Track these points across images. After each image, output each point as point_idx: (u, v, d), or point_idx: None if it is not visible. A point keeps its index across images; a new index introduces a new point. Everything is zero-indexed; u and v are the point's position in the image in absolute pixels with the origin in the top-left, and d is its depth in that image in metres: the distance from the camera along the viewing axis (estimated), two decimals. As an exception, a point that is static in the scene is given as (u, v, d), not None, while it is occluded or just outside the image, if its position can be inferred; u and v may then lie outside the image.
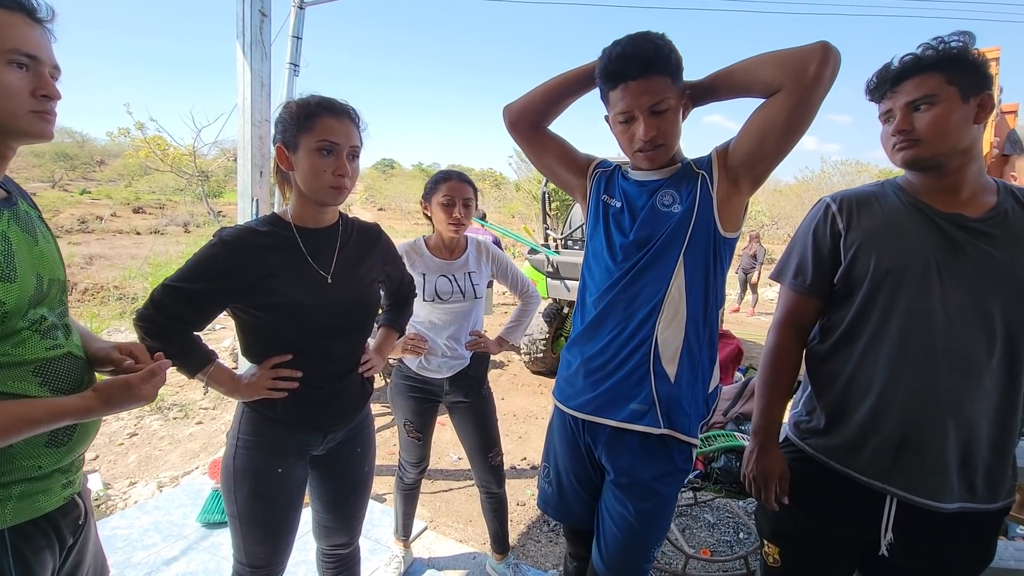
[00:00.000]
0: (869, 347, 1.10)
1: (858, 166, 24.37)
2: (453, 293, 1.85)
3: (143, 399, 0.91)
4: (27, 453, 0.84)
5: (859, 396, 1.11)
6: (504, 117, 1.40)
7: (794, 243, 1.23)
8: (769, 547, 1.27)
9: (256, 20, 2.80)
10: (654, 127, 1.14)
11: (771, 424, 1.24)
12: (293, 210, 1.24)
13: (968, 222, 1.04)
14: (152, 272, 7.60)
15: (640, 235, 1.21)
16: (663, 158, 1.21)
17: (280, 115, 1.20)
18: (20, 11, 0.81)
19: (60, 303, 0.94)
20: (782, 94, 1.05)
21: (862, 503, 1.12)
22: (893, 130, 1.06)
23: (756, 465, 1.23)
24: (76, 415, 0.85)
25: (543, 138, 1.40)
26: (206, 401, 3.99)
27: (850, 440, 1.12)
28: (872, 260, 1.08)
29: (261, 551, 1.30)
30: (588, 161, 1.40)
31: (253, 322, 1.21)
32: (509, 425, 3.98)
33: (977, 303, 1.01)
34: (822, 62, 1.00)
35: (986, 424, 1.03)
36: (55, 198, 18.96)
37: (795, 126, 1.07)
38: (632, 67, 1.10)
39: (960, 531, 1.07)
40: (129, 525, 2.34)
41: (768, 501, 1.21)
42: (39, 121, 0.85)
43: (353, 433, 1.41)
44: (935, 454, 1.04)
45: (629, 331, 1.21)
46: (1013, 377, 1.02)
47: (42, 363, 0.86)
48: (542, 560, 2.36)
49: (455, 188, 1.78)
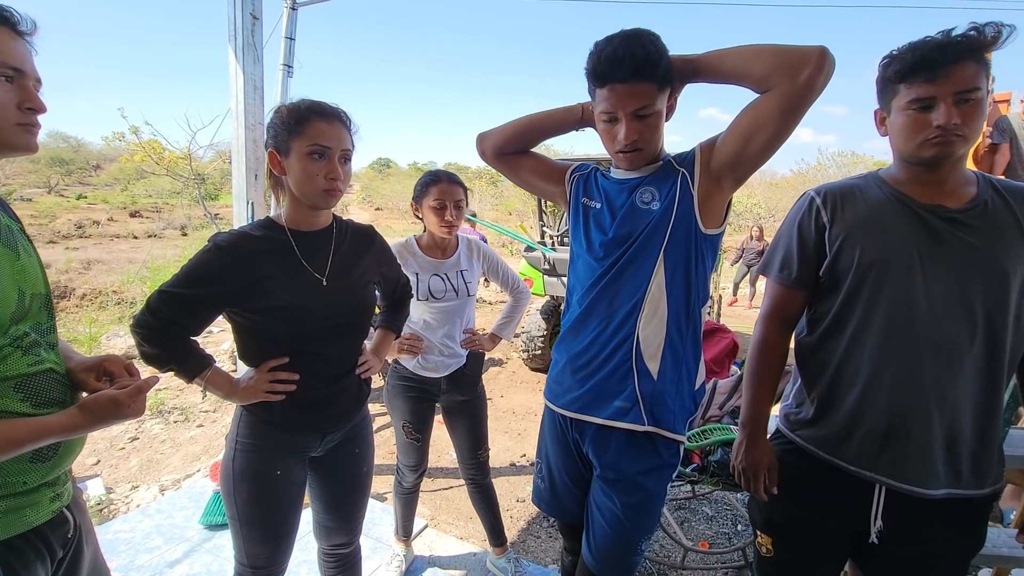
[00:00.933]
0: (855, 338, 1.11)
1: (854, 157, 24.32)
2: (447, 291, 1.86)
3: (130, 415, 0.89)
4: (12, 469, 0.84)
5: (846, 386, 1.13)
6: (477, 145, 1.46)
7: (779, 237, 1.24)
8: (762, 538, 1.29)
9: (247, 23, 2.80)
10: (635, 131, 1.15)
11: (759, 416, 1.25)
12: (287, 214, 1.25)
13: (949, 213, 1.05)
14: (150, 276, 7.59)
15: (620, 232, 1.22)
16: (642, 161, 1.22)
17: (271, 120, 1.21)
18: (3, 25, 0.82)
19: (45, 318, 0.93)
20: (773, 95, 1.04)
21: (851, 492, 1.13)
22: (942, 122, 0.98)
23: (745, 457, 1.25)
24: (61, 433, 0.84)
25: (514, 158, 1.44)
26: (206, 404, 4.00)
27: (838, 430, 1.14)
28: (857, 252, 1.09)
29: (262, 552, 1.31)
30: (564, 168, 1.41)
31: (249, 326, 1.23)
32: (508, 422, 4.00)
33: (959, 292, 1.02)
34: (817, 67, 0.99)
35: (969, 411, 1.05)
36: (51, 203, 18.91)
37: (782, 130, 1.07)
38: (620, 71, 1.09)
39: (948, 517, 1.09)
40: (132, 529, 2.36)
41: (757, 492, 1.23)
42: (24, 134, 0.86)
43: (351, 434, 1.42)
44: (920, 441, 1.06)
45: (611, 329, 1.22)
46: (993, 364, 1.04)
47: (23, 379, 0.85)
48: (542, 555, 2.38)
49: (445, 191, 1.79)
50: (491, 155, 1.44)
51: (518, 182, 1.49)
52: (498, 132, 1.41)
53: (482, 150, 1.45)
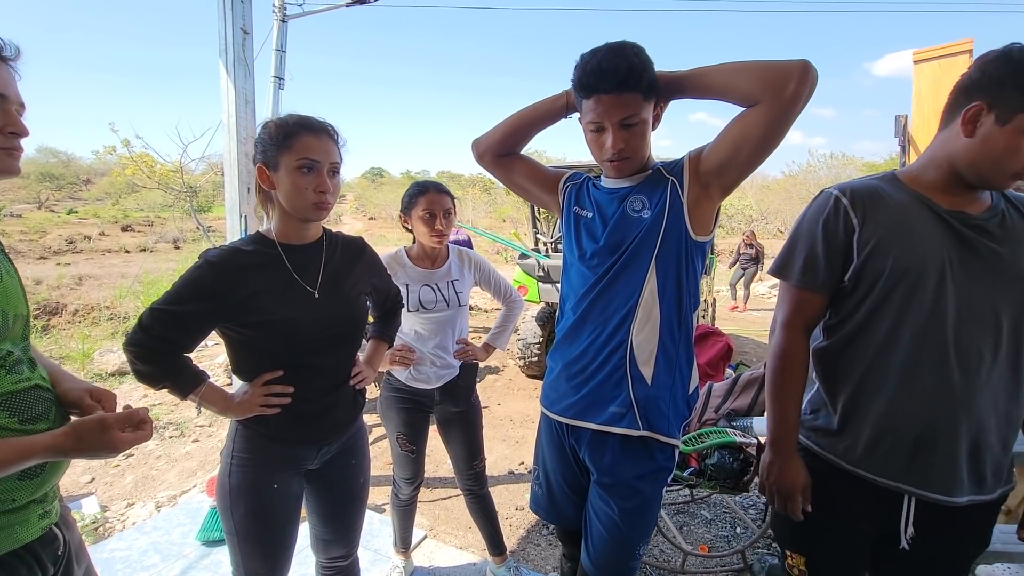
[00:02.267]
0: (884, 345, 1.07)
1: (844, 159, 24.57)
2: (437, 302, 1.86)
3: (115, 445, 0.87)
4: (1, 487, 0.84)
5: (872, 395, 1.09)
6: (472, 150, 1.47)
7: (797, 237, 1.15)
8: (794, 558, 1.22)
9: (238, 38, 2.81)
10: (622, 140, 1.17)
11: (789, 431, 1.17)
12: (277, 228, 1.26)
13: (973, 220, 1.03)
14: (143, 291, 7.55)
15: (611, 241, 1.24)
16: (630, 168, 1.24)
17: (259, 136, 1.22)
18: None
19: (23, 337, 0.94)
20: (760, 109, 1.06)
21: (878, 502, 1.11)
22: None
23: (779, 477, 1.16)
24: (46, 454, 0.84)
25: (509, 162, 1.45)
26: (202, 419, 3.97)
27: (865, 440, 1.10)
28: (890, 258, 1.04)
29: (260, 567, 1.30)
30: (557, 176, 1.43)
31: (243, 340, 1.23)
32: (506, 430, 3.99)
33: (987, 300, 1.01)
34: (801, 81, 1.01)
35: (993, 418, 1.03)
36: (42, 219, 18.81)
37: (769, 141, 1.09)
38: (605, 82, 1.12)
39: (967, 521, 1.08)
40: (128, 547, 2.33)
41: (795, 513, 1.16)
42: (7, 158, 0.86)
43: (347, 446, 1.42)
44: (948, 450, 1.04)
45: (605, 335, 1.23)
46: (1016, 371, 1.03)
47: (9, 396, 0.86)
48: (542, 563, 2.38)
49: (434, 200, 1.79)
50: (488, 158, 1.44)
51: (512, 187, 1.51)
52: (491, 134, 1.42)
53: (479, 154, 1.46)
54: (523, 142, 1.43)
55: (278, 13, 6.06)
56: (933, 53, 3.69)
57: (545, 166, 1.48)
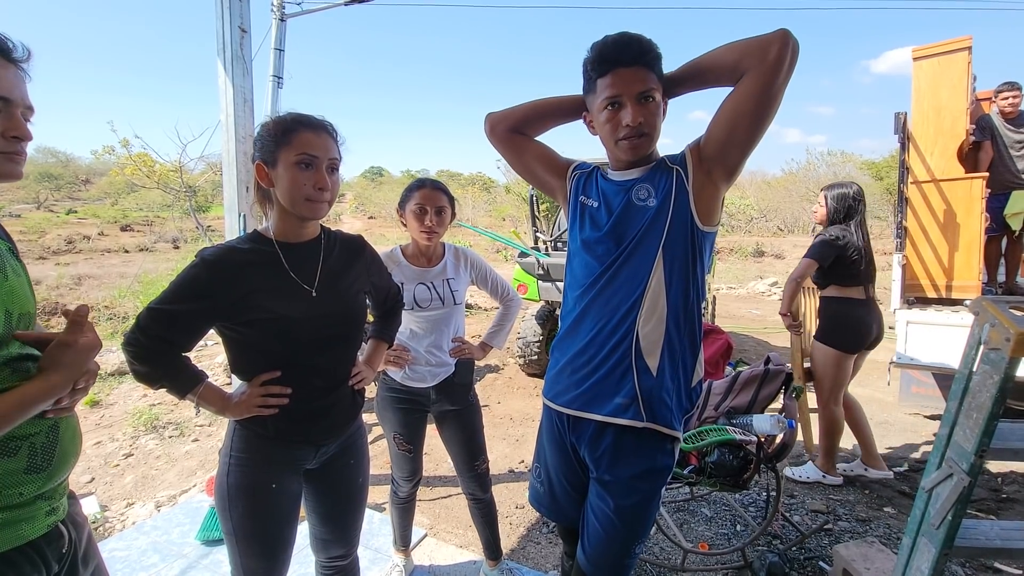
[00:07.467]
0: None
1: (844, 156, 24.57)
2: (432, 300, 1.86)
3: (86, 348, 0.87)
4: (8, 481, 0.84)
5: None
6: (485, 123, 1.46)
7: None
8: None
9: (236, 36, 2.81)
10: (641, 114, 1.17)
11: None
12: (274, 226, 1.26)
13: None
14: (142, 290, 7.55)
15: (617, 230, 1.24)
16: (645, 149, 1.23)
17: (258, 133, 1.22)
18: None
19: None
20: (748, 78, 1.09)
21: None
22: None
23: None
24: (42, 395, 0.83)
25: (522, 140, 1.45)
26: (201, 419, 3.97)
27: None
28: None
29: (259, 567, 1.30)
30: (567, 163, 1.43)
31: (240, 339, 1.22)
32: (505, 428, 3.99)
33: None
34: (783, 45, 1.06)
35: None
36: (41, 219, 18.81)
37: (763, 112, 1.10)
38: (626, 54, 1.16)
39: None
40: (128, 547, 2.33)
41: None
42: (8, 162, 0.86)
43: (346, 445, 1.41)
44: None
45: (611, 326, 1.23)
46: None
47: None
48: (542, 561, 2.37)
49: (427, 196, 1.79)
50: (500, 130, 1.43)
51: (520, 168, 1.50)
52: (510, 109, 1.43)
53: (491, 125, 1.44)
54: (538, 127, 1.44)
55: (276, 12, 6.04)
56: (932, 50, 3.69)
57: (556, 152, 1.47)
